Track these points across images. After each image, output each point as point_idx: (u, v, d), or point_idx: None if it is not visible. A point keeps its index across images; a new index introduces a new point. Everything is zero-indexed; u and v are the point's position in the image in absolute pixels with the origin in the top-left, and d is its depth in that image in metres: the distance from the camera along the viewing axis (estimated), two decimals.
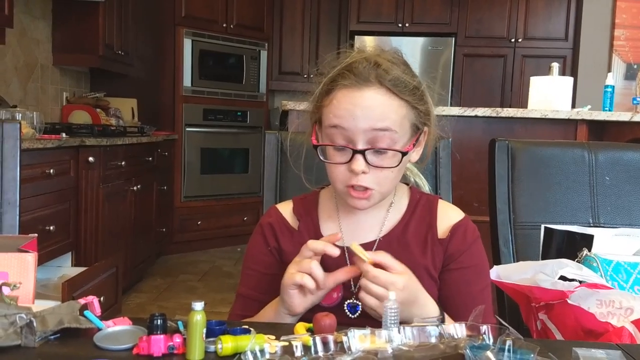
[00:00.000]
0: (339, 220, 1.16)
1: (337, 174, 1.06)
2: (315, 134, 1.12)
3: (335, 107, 1.05)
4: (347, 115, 1.03)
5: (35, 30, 3.81)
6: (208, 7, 4.91)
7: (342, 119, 1.03)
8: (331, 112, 1.05)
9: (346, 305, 1.08)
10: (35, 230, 2.59)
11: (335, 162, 1.05)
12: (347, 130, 1.03)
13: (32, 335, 0.81)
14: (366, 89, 1.04)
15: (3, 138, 1.34)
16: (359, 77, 1.04)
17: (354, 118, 1.02)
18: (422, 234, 1.13)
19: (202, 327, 0.77)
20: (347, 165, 1.04)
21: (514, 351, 0.75)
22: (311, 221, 1.16)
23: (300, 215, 1.17)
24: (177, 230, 4.87)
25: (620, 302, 1.07)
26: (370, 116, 1.03)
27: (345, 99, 1.04)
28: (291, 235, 1.15)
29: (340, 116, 1.03)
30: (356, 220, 1.15)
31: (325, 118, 1.07)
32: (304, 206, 1.19)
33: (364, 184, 1.04)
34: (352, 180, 1.04)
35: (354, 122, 1.02)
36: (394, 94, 1.05)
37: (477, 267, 1.13)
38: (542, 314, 1.18)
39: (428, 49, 5.29)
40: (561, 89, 3.08)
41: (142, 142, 3.89)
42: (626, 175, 1.48)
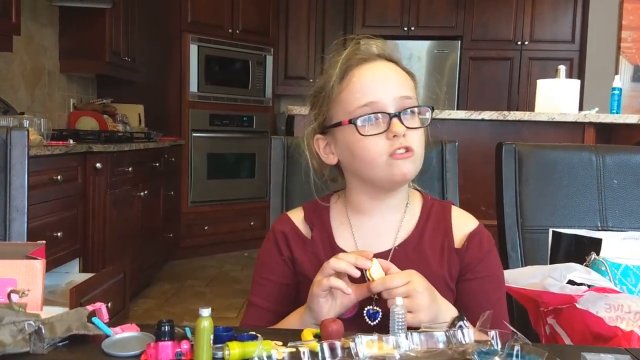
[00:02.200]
0: (352, 228, 1.13)
1: (375, 147, 1.05)
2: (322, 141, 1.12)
3: (359, 84, 1.07)
4: (375, 87, 1.06)
5: (43, 37, 3.83)
6: (214, 12, 4.92)
7: (370, 93, 1.05)
8: (356, 91, 1.06)
9: (366, 312, 1.05)
10: (43, 236, 2.60)
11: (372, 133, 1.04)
12: (377, 102, 1.05)
13: (40, 342, 0.81)
14: (379, 61, 1.09)
15: (11, 145, 1.34)
16: (369, 54, 1.09)
17: (383, 87, 1.06)
18: (438, 242, 1.11)
19: (210, 334, 0.77)
20: (386, 134, 1.04)
21: (522, 356, 0.75)
22: (325, 230, 1.14)
23: (313, 223, 1.15)
24: (184, 235, 4.88)
25: (629, 306, 1.06)
26: (394, 83, 1.07)
27: (366, 72, 1.07)
28: (304, 245, 1.14)
29: (367, 91, 1.06)
30: (370, 227, 1.13)
31: (347, 103, 1.07)
32: (316, 214, 1.16)
33: (407, 144, 1.04)
34: (394, 145, 1.04)
35: (383, 92, 1.05)
36: (401, 68, 1.11)
37: (494, 277, 1.11)
38: (551, 318, 1.17)
39: (434, 53, 5.29)
40: (568, 91, 3.07)
41: (149, 147, 3.91)
42: (634, 178, 1.47)
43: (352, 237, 1.13)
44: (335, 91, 1.08)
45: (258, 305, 1.14)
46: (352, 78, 1.07)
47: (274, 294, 1.13)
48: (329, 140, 1.13)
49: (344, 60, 1.09)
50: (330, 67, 1.11)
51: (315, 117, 1.14)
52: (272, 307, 1.12)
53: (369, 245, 1.10)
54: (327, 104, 1.10)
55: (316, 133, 1.14)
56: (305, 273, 1.10)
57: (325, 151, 1.14)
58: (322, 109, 1.12)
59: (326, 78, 1.10)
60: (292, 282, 1.13)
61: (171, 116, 4.84)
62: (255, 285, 1.16)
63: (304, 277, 1.11)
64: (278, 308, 1.11)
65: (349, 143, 1.08)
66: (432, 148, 1.45)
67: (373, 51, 1.11)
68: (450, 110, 2.82)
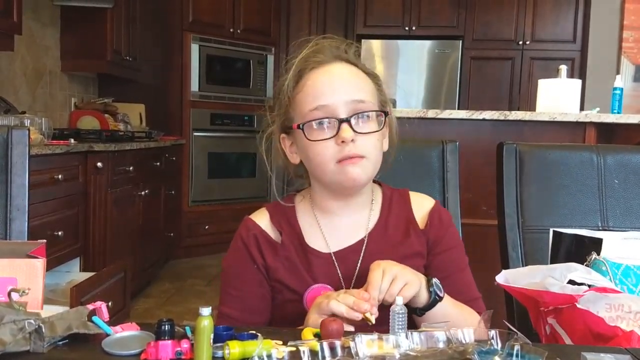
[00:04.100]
0: (321, 228, 1.13)
1: (325, 152, 1.05)
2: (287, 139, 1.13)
3: (312, 87, 1.06)
4: (327, 90, 1.05)
5: (44, 36, 3.84)
6: (215, 12, 4.92)
7: (322, 96, 1.05)
8: (308, 94, 1.06)
9: None
10: (44, 235, 2.60)
11: (321, 138, 1.04)
12: (328, 106, 1.04)
13: (40, 341, 0.81)
14: (336, 63, 1.08)
15: (12, 144, 1.34)
16: (326, 56, 1.09)
17: (334, 90, 1.05)
18: (402, 226, 1.14)
19: (210, 333, 0.77)
20: (335, 139, 1.04)
21: (522, 356, 0.75)
22: (294, 232, 1.12)
23: (281, 226, 1.13)
24: (184, 234, 4.88)
25: (629, 306, 1.06)
26: (347, 87, 1.06)
27: (320, 76, 1.07)
28: (275, 249, 1.11)
29: (319, 94, 1.05)
30: (339, 226, 1.13)
31: (301, 105, 1.07)
32: (283, 216, 1.14)
33: (355, 151, 1.04)
34: (343, 152, 1.04)
35: (334, 96, 1.04)
36: (360, 69, 1.10)
37: (458, 247, 1.18)
38: (551, 318, 1.17)
39: (435, 52, 5.29)
40: (569, 91, 3.07)
41: (150, 147, 3.91)
42: (635, 178, 1.47)
43: (322, 237, 1.12)
44: (291, 93, 1.09)
45: (230, 316, 1.10)
46: (307, 81, 1.07)
47: (248, 305, 1.10)
48: (292, 140, 1.13)
49: (300, 63, 1.09)
50: (288, 69, 1.11)
51: (277, 117, 1.14)
52: (246, 318, 1.09)
53: (340, 242, 1.11)
54: (285, 105, 1.11)
55: (280, 132, 1.15)
56: (280, 279, 1.09)
57: (290, 150, 1.14)
58: (281, 110, 1.12)
59: (283, 80, 1.11)
60: (267, 291, 1.11)
61: (172, 115, 4.84)
62: (226, 296, 1.13)
63: (279, 282, 1.10)
64: (253, 318, 1.09)
65: (303, 146, 1.08)
66: (433, 148, 1.46)
67: (332, 53, 1.09)
68: (451, 110, 2.81)
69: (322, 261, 1.10)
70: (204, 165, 4.98)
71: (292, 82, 1.09)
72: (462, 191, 1.49)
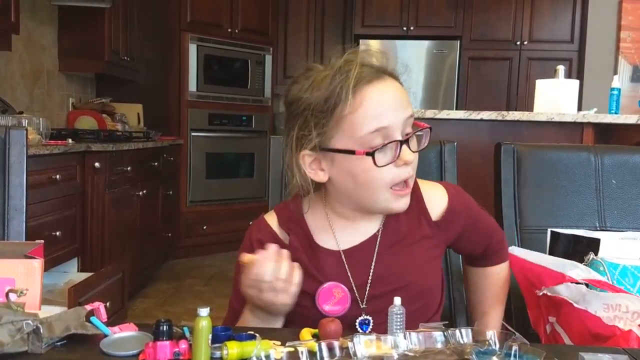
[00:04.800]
0: (332, 227, 1.11)
1: (384, 177, 1.01)
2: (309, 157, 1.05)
3: (372, 108, 0.98)
4: (386, 110, 0.99)
5: (42, 36, 3.83)
6: (213, 12, 4.92)
7: (383, 117, 0.98)
8: (366, 115, 0.98)
9: (358, 322, 1.06)
10: (42, 235, 2.60)
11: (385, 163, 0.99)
12: (388, 127, 0.99)
13: (38, 342, 0.81)
14: (387, 79, 1.02)
15: (10, 144, 1.34)
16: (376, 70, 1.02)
17: (392, 109, 1.00)
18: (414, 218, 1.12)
19: (208, 333, 0.77)
20: (395, 162, 1.00)
21: (520, 356, 0.75)
22: (302, 232, 1.11)
23: (289, 228, 1.12)
24: (182, 235, 4.88)
25: (627, 305, 1.06)
26: (402, 105, 1.02)
27: (378, 94, 0.99)
28: None
29: (378, 115, 0.98)
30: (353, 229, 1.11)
31: (356, 127, 0.99)
32: (290, 217, 1.13)
33: (412, 173, 1.03)
34: (400, 175, 1.02)
35: (393, 116, 0.99)
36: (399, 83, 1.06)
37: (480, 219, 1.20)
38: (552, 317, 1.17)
39: (433, 52, 5.29)
40: (567, 91, 3.07)
41: (147, 147, 3.90)
42: (633, 179, 1.47)
43: (332, 236, 1.11)
44: (343, 111, 0.99)
45: (236, 309, 1.12)
46: (364, 99, 0.98)
47: None
48: (318, 157, 1.05)
49: (356, 75, 0.99)
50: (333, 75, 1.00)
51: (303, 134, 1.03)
52: None
53: (351, 241, 1.10)
54: (326, 123, 1.00)
55: (303, 149, 1.04)
56: None
57: (312, 167, 1.06)
58: (317, 127, 1.01)
59: (329, 90, 0.99)
60: None
61: (170, 115, 4.84)
62: (235, 289, 1.13)
63: None
64: None
65: (353, 170, 1.02)
66: (431, 148, 1.46)
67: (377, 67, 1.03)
68: (449, 110, 2.82)
69: (332, 259, 1.09)
70: (202, 166, 4.98)
71: (341, 97, 0.98)
72: None
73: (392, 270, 1.08)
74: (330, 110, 0.99)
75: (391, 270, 1.08)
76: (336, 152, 1.02)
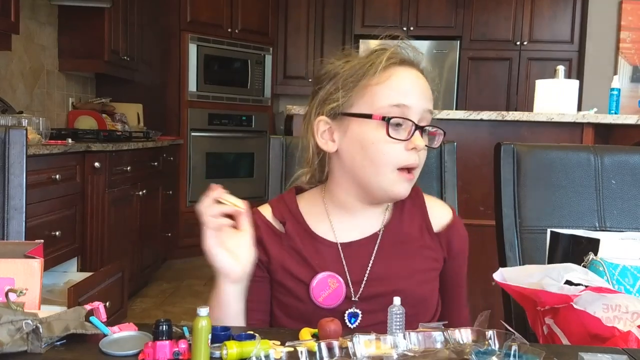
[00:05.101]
0: (330, 219, 1.11)
1: (391, 153, 1.02)
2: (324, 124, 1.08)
3: (396, 82, 1.03)
4: (413, 92, 1.03)
5: (41, 36, 3.83)
6: (213, 12, 4.92)
7: (406, 96, 1.02)
8: (392, 89, 1.02)
9: (347, 314, 1.06)
10: (41, 235, 2.60)
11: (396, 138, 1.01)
12: (409, 107, 1.02)
13: (38, 342, 0.81)
14: (417, 70, 1.06)
15: (9, 144, 1.34)
16: (410, 58, 1.06)
17: (417, 96, 1.03)
18: (416, 224, 1.13)
19: (208, 333, 0.77)
20: (406, 143, 1.02)
21: (519, 356, 0.75)
22: (297, 221, 1.11)
23: (284, 217, 1.12)
24: (182, 234, 4.88)
25: (626, 306, 1.06)
26: (425, 97, 1.05)
27: (407, 75, 1.04)
28: (279, 239, 1.10)
29: (405, 92, 1.02)
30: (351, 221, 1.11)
31: (378, 97, 1.02)
32: (284, 207, 1.14)
33: (418, 162, 1.04)
34: (408, 159, 1.03)
35: (416, 100, 1.03)
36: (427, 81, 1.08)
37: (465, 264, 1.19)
38: (549, 318, 1.17)
39: (433, 53, 5.29)
40: (567, 92, 3.07)
41: (147, 147, 3.91)
42: (632, 179, 1.47)
43: (330, 228, 1.11)
44: (370, 80, 1.03)
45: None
46: (392, 75, 1.03)
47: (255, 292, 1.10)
48: (333, 125, 1.07)
49: (390, 54, 1.04)
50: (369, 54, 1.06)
51: (327, 97, 1.07)
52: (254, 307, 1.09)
53: (349, 235, 1.10)
54: (350, 88, 1.04)
55: (321, 114, 1.08)
56: (286, 267, 1.08)
57: (324, 136, 1.08)
58: (341, 91, 1.05)
59: (362, 62, 1.05)
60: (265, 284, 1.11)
61: (170, 115, 4.84)
62: None
63: (286, 271, 1.08)
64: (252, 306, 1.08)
65: (364, 139, 1.03)
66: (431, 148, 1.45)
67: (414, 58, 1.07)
68: (449, 110, 2.82)
69: (328, 250, 1.09)
70: (202, 166, 4.98)
71: (372, 69, 1.03)
72: (460, 191, 1.49)
73: (389, 272, 1.08)
74: (359, 78, 1.04)
75: (389, 272, 1.08)
76: (354, 117, 1.04)
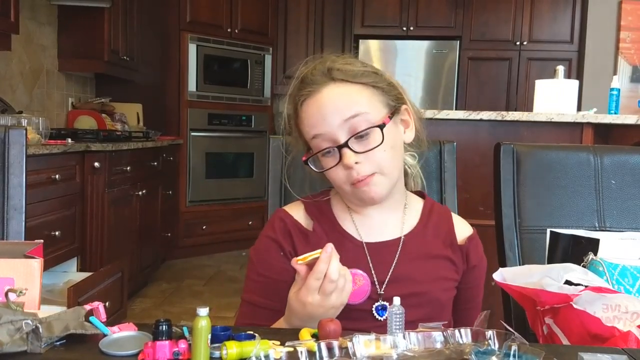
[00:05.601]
0: (355, 223, 1.15)
1: (336, 177, 1.08)
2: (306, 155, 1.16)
3: (307, 119, 1.10)
4: (318, 120, 1.07)
5: (41, 36, 3.83)
6: (213, 12, 4.92)
7: (315, 126, 1.07)
8: (306, 125, 1.10)
9: (375, 307, 1.09)
10: (41, 235, 2.60)
11: (329, 167, 1.08)
12: (325, 134, 1.06)
13: (38, 342, 0.81)
14: (325, 87, 1.09)
15: (9, 144, 1.34)
16: (314, 83, 1.10)
17: (324, 118, 1.06)
18: (442, 234, 1.17)
19: (207, 333, 0.77)
20: (341, 165, 1.06)
21: (519, 356, 0.75)
22: (328, 219, 1.15)
23: (315, 215, 1.16)
24: (182, 234, 4.88)
25: (626, 306, 1.06)
26: (338, 111, 1.06)
27: (310, 107, 1.09)
28: (306, 238, 1.13)
29: (313, 125, 1.08)
30: (373, 223, 1.15)
31: (305, 135, 1.11)
32: (317, 206, 1.17)
33: (363, 173, 1.06)
34: (351, 177, 1.06)
35: (326, 123, 1.06)
36: (349, 82, 1.09)
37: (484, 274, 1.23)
38: (549, 318, 1.17)
39: (433, 53, 5.29)
40: (567, 92, 3.07)
41: (147, 147, 3.91)
42: (632, 179, 1.47)
43: (355, 229, 1.15)
44: (295, 127, 1.14)
45: (253, 302, 1.13)
46: (302, 115, 1.10)
47: (271, 290, 1.12)
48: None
49: (291, 98, 1.13)
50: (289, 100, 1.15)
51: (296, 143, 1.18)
52: (268, 304, 1.11)
53: (373, 236, 1.14)
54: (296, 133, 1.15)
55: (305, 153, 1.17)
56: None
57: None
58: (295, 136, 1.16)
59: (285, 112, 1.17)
60: (289, 279, 1.11)
61: (170, 115, 4.84)
62: (250, 282, 1.15)
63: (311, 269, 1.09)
64: (275, 305, 1.09)
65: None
66: (431, 148, 1.46)
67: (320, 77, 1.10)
68: (449, 111, 2.81)
69: (355, 248, 1.12)
70: (202, 166, 4.98)
71: (293, 116, 1.14)
72: (460, 191, 1.49)
73: (412, 275, 1.12)
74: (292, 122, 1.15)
75: (412, 275, 1.12)
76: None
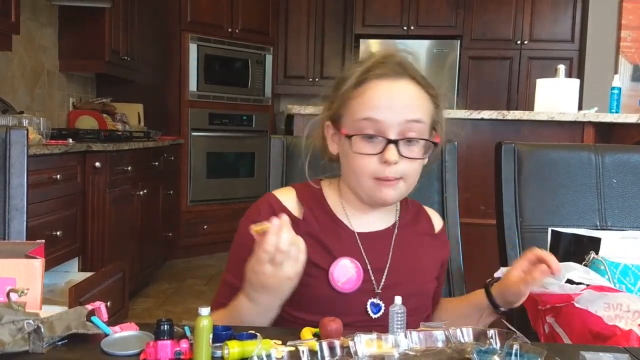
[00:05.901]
0: (345, 211, 1.15)
1: (365, 166, 1.05)
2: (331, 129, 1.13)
3: (370, 98, 1.05)
4: (384, 106, 1.04)
5: (42, 36, 3.83)
6: (213, 12, 4.92)
7: (377, 111, 1.04)
8: (364, 103, 1.05)
9: (369, 304, 1.08)
10: (42, 235, 2.60)
11: (365, 153, 1.04)
12: (381, 122, 1.04)
13: (39, 341, 0.81)
14: (401, 80, 1.07)
15: (10, 144, 1.34)
16: (394, 69, 1.07)
17: (391, 109, 1.04)
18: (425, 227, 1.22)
19: (209, 333, 0.77)
20: (379, 157, 1.04)
21: (521, 355, 0.75)
22: (321, 207, 1.14)
23: (307, 201, 1.14)
24: (183, 234, 4.88)
25: (628, 305, 1.06)
26: (405, 108, 1.05)
27: (381, 89, 1.05)
28: (296, 226, 1.06)
29: (374, 107, 1.04)
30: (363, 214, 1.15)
31: (355, 110, 1.06)
32: (310, 193, 1.16)
33: (394, 174, 1.05)
34: (383, 171, 1.04)
35: (389, 114, 1.04)
36: (423, 87, 1.08)
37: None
38: (550, 317, 1.17)
39: (433, 52, 5.29)
40: (567, 91, 3.07)
41: (148, 146, 3.90)
42: (633, 178, 1.47)
43: (347, 219, 1.14)
44: (349, 95, 1.08)
45: (231, 284, 1.10)
46: (367, 90, 1.06)
47: None
48: (334, 130, 1.13)
49: (365, 69, 1.07)
50: (353, 67, 1.10)
51: (329, 106, 1.13)
52: None
53: (365, 227, 1.14)
54: (340, 101, 1.10)
55: (326, 118, 1.14)
56: None
57: (332, 139, 1.15)
58: (335, 103, 1.11)
59: (345, 76, 1.10)
60: None
61: (170, 115, 4.84)
62: (232, 264, 1.13)
63: None
64: None
65: (345, 150, 1.09)
66: None
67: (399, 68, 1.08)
68: (450, 110, 2.81)
69: (348, 237, 1.12)
70: (203, 165, 4.98)
71: (353, 83, 1.07)
72: (461, 191, 1.49)
73: (408, 264, 1.13)
74: (342, 92, 1.09)
75: (408, 264, 1.13)
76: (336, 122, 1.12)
